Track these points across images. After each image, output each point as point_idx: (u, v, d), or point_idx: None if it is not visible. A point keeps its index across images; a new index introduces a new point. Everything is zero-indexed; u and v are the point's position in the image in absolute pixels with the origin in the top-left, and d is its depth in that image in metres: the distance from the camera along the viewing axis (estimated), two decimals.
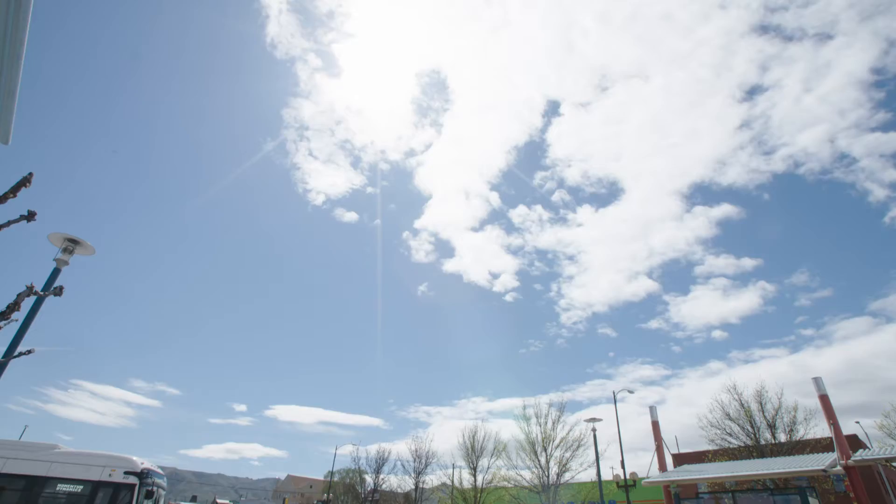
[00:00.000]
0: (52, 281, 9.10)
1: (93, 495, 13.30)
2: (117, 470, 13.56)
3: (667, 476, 20.77)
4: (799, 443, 26.86)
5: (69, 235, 9.38)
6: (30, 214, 7.08)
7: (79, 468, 13.79)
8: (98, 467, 13.68)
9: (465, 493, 37.83)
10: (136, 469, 13.67)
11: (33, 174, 6.20)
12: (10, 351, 8.41)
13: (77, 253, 9.55)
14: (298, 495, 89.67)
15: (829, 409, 18.98)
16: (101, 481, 13.40)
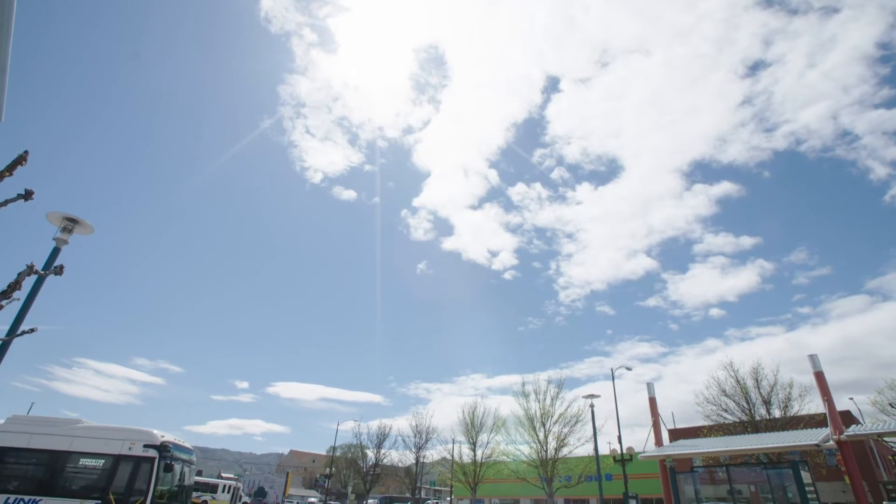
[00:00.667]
0: (52, 260, 9.11)
1: (113, 469, 13.17)
2: (137, 443, 13.37)
3: (662, 451, 21.18)
4: (793, 418, 27.34)
5: (68, 214, 9.34)
6: (27, 193, 7.03)
7: (99, 442, 13.67)
8: (118, 441, 13.53)
9: (464, 467, 38.66)
10: (155, 442, 13.39)
11: (28, 152, 6.13)
12: (13, 329, 8.46)
13: (76, 232, 9.52)
14: (301, 470, 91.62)
15: (823, 386, 19.24)
16: (122, 455, 13.26)
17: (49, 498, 12.71)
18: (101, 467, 13.26)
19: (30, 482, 13.25)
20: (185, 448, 15.13)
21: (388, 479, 61.98)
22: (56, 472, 13.35)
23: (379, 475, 58.15)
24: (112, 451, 13.39)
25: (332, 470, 65.42)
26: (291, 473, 75.10)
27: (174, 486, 13.95)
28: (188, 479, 15.17)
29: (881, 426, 19.47)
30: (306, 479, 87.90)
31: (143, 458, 13.16)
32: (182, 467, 14.57)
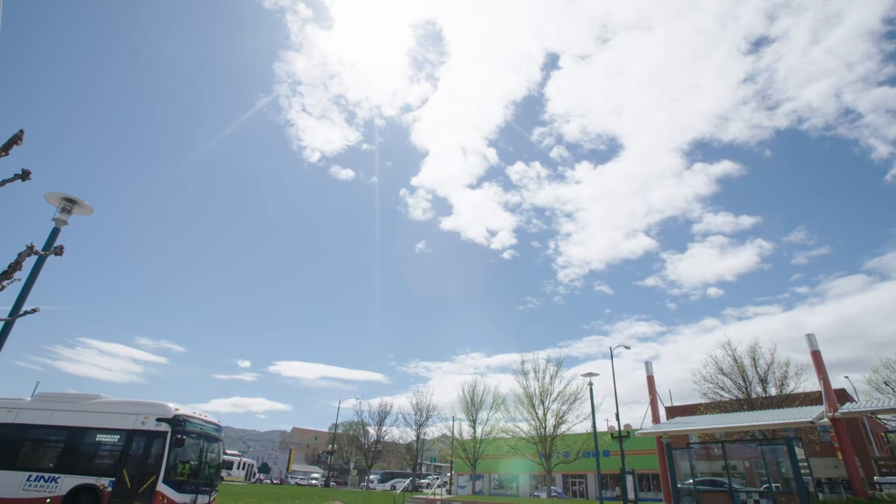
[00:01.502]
0: (52, 240, 9.09)
1: (127, 445, 12.73)
2: (150, 417, 12.86)
3: (659, 427, 21.52)
4: (788, 396, 27.71)
5: (66, 195, 9.28)
6: (24, 173, 6.97)
7: (115, 417, 13.29)
8: (132, 415, 13.10)
9: (464, 443, 39.37)
10: (167, 415, 12.79)
11: (24, 132, 6.06)
12: (15, 310, 8.50)
13: (75, 213, 9.48)
14: (304, 446, 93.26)
15: (819, 365, 19.44)
16: (135, 430, 12.83)
17: (66, 475, 12.51)
18: (115, 443, 12.87)
19: (50, 458, 13.13)
20: (207, 422, 14.25)
21: (389, 456, 63.21)
22: (73, 448, 13.13)
23: (380, 452, 59.31)
24: (126, 426, 13.00)
25: (335, 446, 66.66)
26: (294, 450, 76.54)
27: (193, 463, 13.17)
28: (211, 455, 14.21)
29: (875, 404, 19.76)
30: (309, 455, 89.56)
31: (155, 432, 12.62)
32: (203, 443, 13.72)
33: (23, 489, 12.44)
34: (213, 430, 14.46)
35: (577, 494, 44.70)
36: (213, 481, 14.01)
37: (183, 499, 12.21)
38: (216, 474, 14.35)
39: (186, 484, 12.48)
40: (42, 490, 12.36)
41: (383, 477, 58.63)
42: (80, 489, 12.16)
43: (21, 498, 12.29)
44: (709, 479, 20.37)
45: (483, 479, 48.82)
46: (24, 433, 13.66)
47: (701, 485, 19.82)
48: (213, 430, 14.44)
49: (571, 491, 45.61)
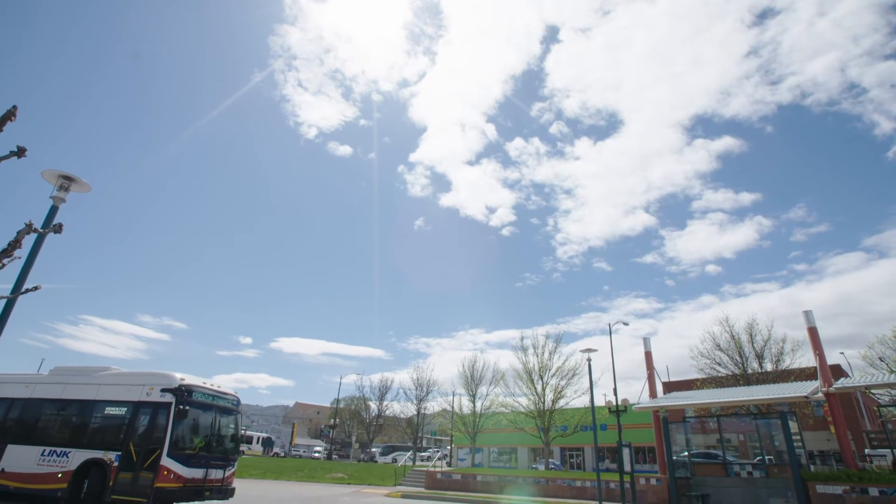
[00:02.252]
0: (50, 218, 9.06)
1: (133, 417, 12.27)
2: (155, 388, 12.32)
3: (656, 402, 21.88)
4: (784, 372, 28.12)
5: (63, 172, 9.22)
6: (20, 150, 6.92)
7: (121, 389, 12.93)
8: (138, 387, 12.64)
9: (464, 418, 40.07)
10: (171, 385, 12.18)
11: (17, 107, 5.98)
12: (17, 287, 8.53)
13: (73, 190, 9.43)
14: (307, 421, 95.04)
15: (816, 341, 19.64)
16: (141, 401, 12.36)
17: (76, 449, 12.33)
18: (122, 416, 12.49)
19: (62, 433, 13.00)
20: (219, 393, 13.55)
21: (390, 430, 64.49)
22: (83, 422, 12.91)
23: (381, 426, 60.50)
24: (132, 398, 12.58)
25: (336, 421, 67.93)
26: (297, 424, 77.98)
27: (203, 436, 12.61)
28: (225, 428, 13.55)
29: (869, 379, 20.04)
30: (311, 429, 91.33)
31: (160, 403, 12.07)
32: (215, 414, 13.07)
33: (37, 464, 12.45)
34: (227, 401, 13.78)
35: (575, 466, 45.75)
36: (228, 455, 13.29)
37: (192, 473, 11.71)
38: (233, 448, 13.71)
39: (195, 458, 11.97)
40: (54, 465, 12.27)
41: (385, 450, 59.90)
42: (89, 463, 11.94)
43: (36, 472, 12.33)
44: (703, 451, 20.82)
45: (482, 452, 49.90)
46: (39, 408, 13.65)
47: (696, 457, 20.27)
48: (227, 402, 13.75)
49: (569, 463, 46.68)
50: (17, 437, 13.30)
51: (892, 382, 19.14)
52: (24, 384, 14.41)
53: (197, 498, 11.86)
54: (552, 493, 22.71)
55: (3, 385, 14.77)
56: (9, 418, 13.84)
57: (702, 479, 19.21)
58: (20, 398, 14.03)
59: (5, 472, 12.69)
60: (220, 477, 12.67)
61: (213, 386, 13.47)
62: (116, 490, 11.23)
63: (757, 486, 17.75)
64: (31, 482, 12.29)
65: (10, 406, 14.05)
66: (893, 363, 23.37)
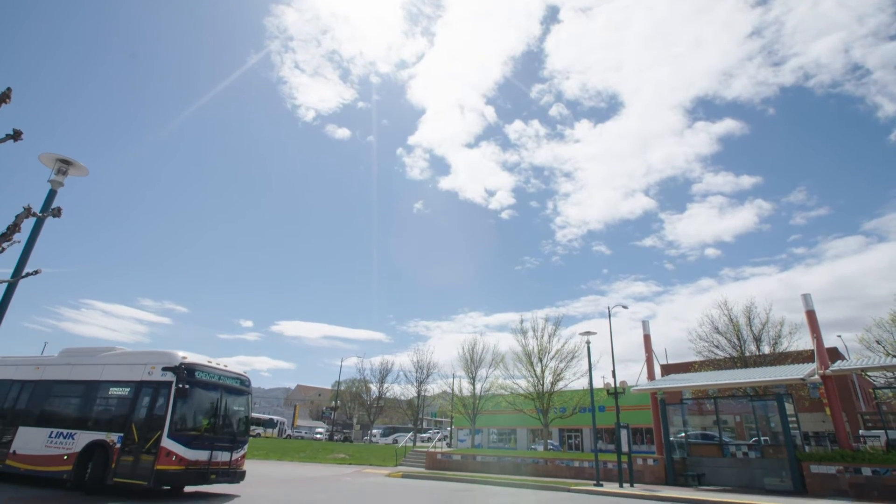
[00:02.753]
0: (49, 202, 9.02)
1: (135, 398, 11.94)
2: (156, 367, 11.95)
3: (655, 384, 22.12)
4: (781, 354, 28.34)
5: (61, 156, 9.15)
6: (16, 134, 6.86)
7: (124, 369, 12.69)
8: (140, 366, 12.32)
9: (464, 400, 40.52)
10: (172, 364, 11.74)
11: (11, 89, 5.90)
12: (17, 271, 8.54)
13: (71, 174, 9.37)
14: (308, 403, 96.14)
15: (814, 324, 19.76)
16: (143, 381, 12.03)
17: (81, 431, 12.20)
18: (125, 396, 12.21)
19: (68, 414, 12.95)
20: (225, 373, 13.05)
21: (391, 411, 65.25)
22: (88, 403, 12.76)
23: (382, 407, 61.18)
24: (135, 378, 12.28)
25: (338, 403, 68.70)
26: (299, 406, 78.91)
27: (208, 417, 12.14)
28: (233, 408, 13.00)
29: (865, 361, 20.24)
30: (313, 411, 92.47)
31: (161, 382, 11.68)
32: (221, 394, 12.59)
33: (45, 446, 12.43)
34: (235, 381, 13.29)
35: (573, 447, 46.42)
36: (236, 437, 12.74)
37: (195, 455, 11.30)
38: (242, 430, 13.16)
39: (199, 439, 11.54)
40: (61, 447, 12.22)
41: (385, 431, 60.71)
42: (93, 445, 11.78)
43: (43, 454, 12.33)
44: (700, 433, 21.13)
45: (482, 434, 50.58)
46: (48, 389, 13.66)
47: (692, 438, 20.57)
48: (235, 382, 13.27)
49: (567, 444, 47.35)
50: (27, 419, 13.36)
51: (887, 365, 19.34)
52: (35, 366, 14.47)
53: (202, 481, 11.55)
54: (551, 473, 23.09)
55: (16, 367, 14.88)
56: (20, 400, 13.91)
57: (698, 459, 19.52)
58: (31, 380, 14.10)
59: (16, 454, 12.74)
60: (228, 459, 12.20)
61: (219, 364, 13.01)
62: (118, 472, 11.00)
63: (752, 467, 18.04)
64: (39, 464, 12.29)
65: (21, 388, 14.13)
66: (890, 346, 23.56)
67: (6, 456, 12.82)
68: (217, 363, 12.95)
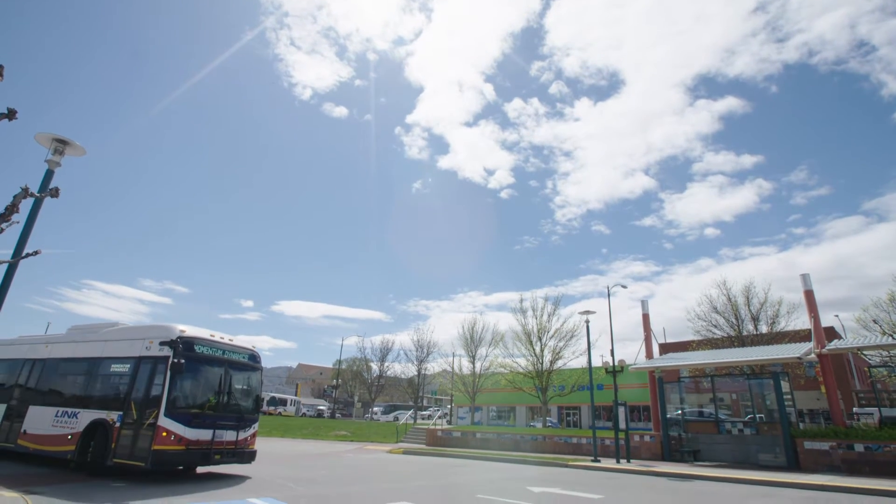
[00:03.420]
0: (46, 183, 8.97)
1: (134, 374, 11.41)
2: (154, 342, 11.35)
3: (652, 363, 22.36)
4: (778, 334, 28.59)
5: (57, 136, 9.05)
6: (10, 112, 6.77)
7: (125, 345, 12.21)
8: (139, 341, 11.81)
9: (464, 378, 41.00)
10: (168, 338, 11.05)
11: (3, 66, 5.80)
12: (17, 252, 8.53)
13: (67, 154, 9.29)
14: (310, 381, 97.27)
15: (811, 303, 19.87)
16: (141, 357, 11.50)
17: (84, 410, 11.87)
18: (125, 373, 11.73)
19: (73, 393, 12.67)
20: (228, 346, 12.28)
21: (391, 389, 66.11)
22: (91, 380, 12.43)
23: (383, 386, 61.99)
24: (134, 354, 11.78)
25: (339, 381, 69.54)
26: (300, 385, 79.88)
27: (210, 394, 11.48)
28: (239, 385, 12.31)
29: (861, 341, 20.41)
30: (315, 389, 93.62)
31: (159, 358, 11.02)
32: (225, 370, 11.85)
33: (52, 425, 12.22)
34: (242, 356, 12.56)
35: (571, 424, 47.17)
36: (243, 415, 12.05)
37: (196, 434, 10.66)
38: (251, 407, 12.47)
39: (201, 417, 10.88)
40: (65, 426, 11.97)
41: (386, 409, 61.64)
42: (94, 425, 11.34)
43: (50, 434, 12.13)
44: (697, 410, 21.44)
45: (482, 411, 51.34)
46: (55, 368, 13.50)
47: (689, 416, 20.89)
48: (242, 357, 12.53)
49: (566, 421, 48.10)
50: (36, 398, 13.27)
51: (883, 344, 19.50)
52: (45, 344, 14.35)
53: (204, 462, 10.97)
54: (549, 450, 23.52)
55: (28, 346, 14.86)
56: (31, 379, 13.82)
57: (694, 436, 19.85)
58: (40, 359, 13.99)
59: (26, 434, 12.63)
60: (234, 439, 11.56)
61: (223, 338, 12.29)
62: (118, 453, 10.49)
63: (747, 443, 18.37)
64: (46, 444, 12.08)
65: (31, 367, 14.04)
66: (887, 325, 23.72)
67: (18, 435, 12.76)
68: (221, 337, 12.27)
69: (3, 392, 14.36)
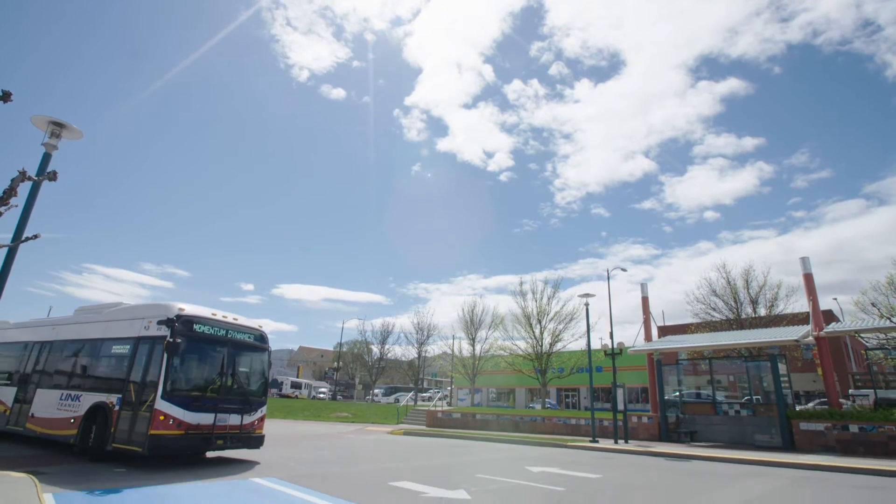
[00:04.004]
0: (44, 166, 8.91)
1: (133, 355, 10.95)
2: (153, 321, 10.82)
3: (651, 345, 22.53)
4: (776, 317, 28.77)
5: (53, 118, 8.96)
6: (4, 95, 6.69)
7: (125, 325, 11.72)
8: (139, 320, 11.31)
9: (464, 360, 41.37)
10: (165, 316, 10.46)
11: None
12: (17, 236, 8.52)
13: (64, 137, 9.21)
14: (311, 364, 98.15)
15: (810, 287, 19.93)
16: (140, 337, 11.02)
17: (86, 392, 11.59)
18: (124, 354, 11.25)
19: (76, 375, 12.40)
20: (231, 325, 11.62)
21: (392, 372, 66.79)
22: (92, 362, 12.14)
23: (384, 368, 62.59)
24: (133, 334, 11.27)
25: (340, 364, 70.16)
26: (302, 367, 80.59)
27: (212, 375, 10.90)
28: (242, 366, 11.70)
29: (859, 324, 20.54)
30: (316, 371, 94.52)
31: (157, 338, 10.47)
32: (227, 350, 11.22)
33: (57, 408, 12.00)
34: (248, 335, 11.93)
35: (570, 406, 47.81)
36: (249, 398, 11.48)
37: (197, 419, 10.11)
38: (258, 390, 11.93)
39: (201, 400, 10.36)
40: (69, 410, 11.67)
41: (387, 391, 62.30)
42: (95, 408, 10.95)
43: (54, 418, 11.91)
44: (694, 392, 21.68)
45: (482, 393, 51.95)
46: (61, 350, 13.30)
47: (687, 397, 21.13)
48: (247, 336, 11.91)
49: (565, 403, 48.74)
50: (43, 380, 13.11)
51: (881, 327, 19.66)
52: (52, 326, 14.23)
53: (206, 447, 10.45)
54: (548, 431, 23.84)
55: (35, 329, 14.81)
56: (38, 362, 13.69)
57: (691, 417, 20.11)
58: (47, 341, 13.85)
59: (34, 417, 12.46)
60: (238, 423, 10.94)
61: (227, 317, 11.67)
62: (117, 438, 10.07)
63: (743, 424, 18.62)
64: (51, 427, 11.88)
65: (39, 349, 13.92)
66: (885, 309, 23.85)
67: (27, 419, 12.64)
68: (224, 316, 11.64)
69: (14, 374, 14.34)
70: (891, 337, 26.56)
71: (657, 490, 9.56)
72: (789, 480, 10.88)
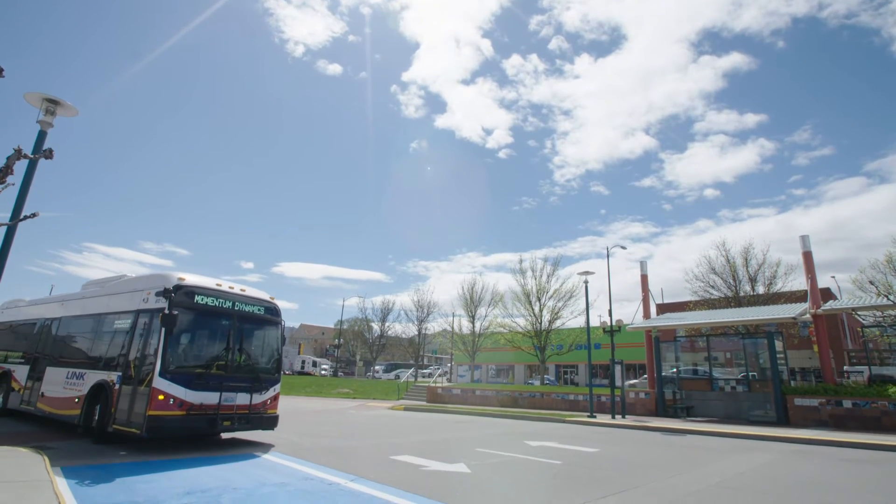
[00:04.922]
0: (40, 144, 8.83)
1: (132, 330, 10.22)
2: (151, 293, 10.04)
3: (650, 322, 22.70)
4: (774, 295, 28.90)
5: (48, 95, 8.83)
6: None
7: (125, 298, 11.05)
8: (139, 293, 10.52)
9: (464, 337, 41.76)
10: (165, 285, 9.60)
11: None
12: (15, 214, 8.49)
13: (59, 114, 9.10)
14: (312, 341, 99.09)
15: (809, 265, 19.98)
16: (140, 310, 10.27)
17: (89, 370, 10.99)
18: (125, 329, 10.52)
19: (81, 352, 11.99)
20: (238, 297, 10.66)
21: (392, 349, 67.47)
22: (95, 338, 11.59)
23: (384, 345, 63.26)
24: (133, 307, 10.51)
25: (341, 341, 70.88)
26: (303, 344, 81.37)
27: (218, 352, 10.08)
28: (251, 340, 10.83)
29: (856, 301, 20.67)
30: (317, 349, 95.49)
31: (156, 311, 9.59)
32: (233, 324, 10.32)
33: (63, 388, 11.58)
34: (257, 307, 10.97)
35: (569, 382, 48.45)
36: (259, 376, 10.58)
37: (199, 398, 9.29)
38: (269, 367, 11.06)
39: (204, 378, 9.53)
40: (73, 388, 11.12)
41: (388, 367, 63.08)
42: (98, 386, 10.33)
43: (61, 397, 11.53)
44: (691, 368, 21.96)
45: (481, 369, 52.59)
46: (68, 326, 12.96)
47: (684, 374, 21.41)
48: (257, 309, 10.96)
49: (563, 379, 49.38)
50: (52, 359, 12.66)
51: (878, 305, 19.76)
52: (60, 302, 13.88)
53: (211, 429, 9.54)
54: (547, 406, 24.24)
55: (45, 306, 14.66)
56: (48, 340, 13.41)
57: (688, 393, 20.42)
58: (56, 317, 13.53)
59: (44, 396, 12.14)
60: (247, 403, 10.11)
61: (233, 288, 10.72)
62: (117, 418, 9.38)
63: (739, 399, 18.92)
64: (58, 407, 11.46)
65: (49, 326, 13.66)
66: (883, 287, 23.95)
67: (38, 398, 12.35)
68: (231, 286, 10.73)
69: (27, 353, 14.15)
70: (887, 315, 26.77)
71: (653, 463, 9.77)
72: (781, 454, 11.12)
